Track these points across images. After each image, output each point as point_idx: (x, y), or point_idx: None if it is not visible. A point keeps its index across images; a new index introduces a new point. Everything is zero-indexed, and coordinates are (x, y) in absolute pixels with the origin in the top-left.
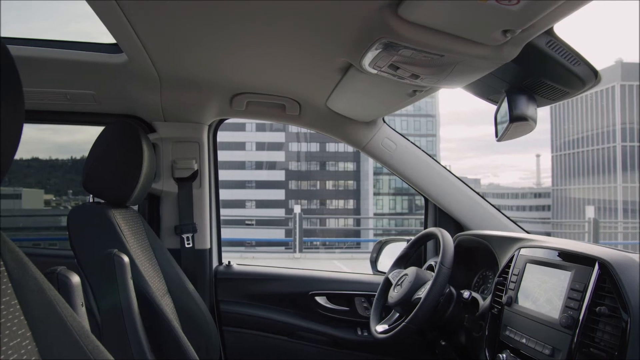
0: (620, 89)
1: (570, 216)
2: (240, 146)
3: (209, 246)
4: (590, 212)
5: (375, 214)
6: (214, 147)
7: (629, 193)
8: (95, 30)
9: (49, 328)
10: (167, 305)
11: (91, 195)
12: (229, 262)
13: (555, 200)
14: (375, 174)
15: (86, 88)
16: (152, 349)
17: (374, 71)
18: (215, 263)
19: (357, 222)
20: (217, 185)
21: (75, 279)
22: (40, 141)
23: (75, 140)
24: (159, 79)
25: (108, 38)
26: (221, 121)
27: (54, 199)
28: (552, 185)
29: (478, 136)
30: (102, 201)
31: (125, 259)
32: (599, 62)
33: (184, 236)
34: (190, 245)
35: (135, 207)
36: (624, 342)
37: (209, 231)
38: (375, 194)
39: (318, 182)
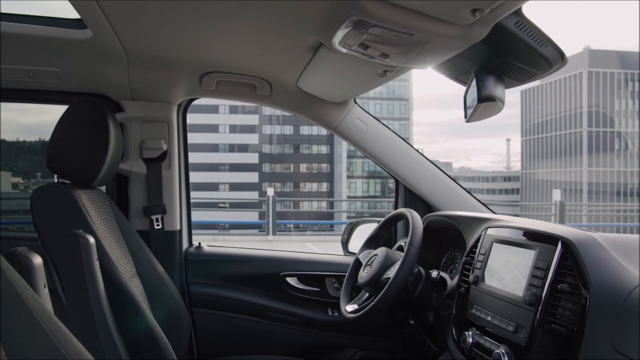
0: (588, 75)
1: (538, 199)
2: (214, 128)
3: (178, 227)
4: (557, 195)
5: (348, 197)
6: (184, 127)
7: (593, 176)
8: (57, 6)
9: (9, 310)
10: (135, 287)
11: (56, 176)
12: (200, 243)
13: (524, 183)
14: (348, 157)
15: (50, 65)
16: (120, 330)
17: (344, 50)
18: (185, 245)
19: (331, 205)
20: (186, 166)
21: (37, 259)
22: (6, 122)
23: (42, 121)
24: (126, 57)
25: (72, 13)
26: (191, 101)
27: (22, 181)
28: (521, 169)
29: (450, 120)
30: (68, 182)
31: (91, 240)
32: (567, 49)
33: (153, 217)
34: (160, 226)
35: (103, 188)
36: (583, 318)
37: (178, 212)
38: (348, 177)
39: (292, 165)
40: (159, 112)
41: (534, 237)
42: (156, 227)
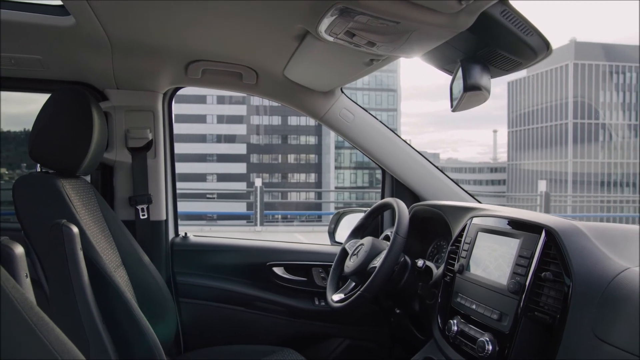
0: (574, 67)
1: (524, 190)
2: (201, 119)
3: (164, 217)
4: (542, 186)
5: (336, 188)
6: (169, 116)
7: (578, 167)
8: None
9: None
10: (121, 277)
11: (38, 165)
12: (186, 233)
13: (511, 174)
14: (336, 148)
15: (32, 52)
16: (105, 320)
17: (331, 38)
18: (171, 235)
19: (319, 196)
20: (172, 155)
21: (19, 249)
22: None
23: (27, 111)
24: (110, 44)
25: None
26: (176, 89)
27: (6, 172)
28: (507, 160)
29: (438, 111)
30: (51, 171)
31: (75, 229)
32: (553, 41)
33: (139, 207)
34: (146, 216)
35: (88, 178)
36: (565, 306)
37: (164, 202)
38: (336, 167)
39: (280, 156)
40: (144, 100)
41: (518, 226)
42: (142, 217)
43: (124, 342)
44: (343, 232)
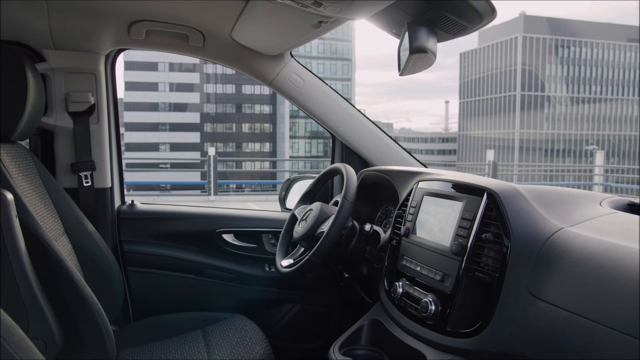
0: (522, 40)
1: (473, 159)
2: (153, 87)
3: (109, 185)
4: (490, 155)
5: (291, 157)
6: (113, 79)
7: (524, 135)
8: None
9: None
10: (63, 246)
11: None
12: (132, 201)
13: (461, 144)
14: (291, 117)
15: None
16: (45, 290)
17: None
18: (117, 202)
19: (273, 165)
20: (117, 120)
21: None
22: None
23: None
24: (45, 0)
25: None
26: (120, 51)
27: None
28: (458, 130)
29: (391, 81)
30: None
31: (9, 196)
32: (503, 14)
33: (82, 174)
34: (89, 184)
35: (26, 144)
36: (504, 266)
37: (109, 169)
38: (291, 137)
39: (234, 125)
40: (85, 62)
41: (461, 189)
42: (85, 185)
43: (65, 312)
44: (294, 198)
